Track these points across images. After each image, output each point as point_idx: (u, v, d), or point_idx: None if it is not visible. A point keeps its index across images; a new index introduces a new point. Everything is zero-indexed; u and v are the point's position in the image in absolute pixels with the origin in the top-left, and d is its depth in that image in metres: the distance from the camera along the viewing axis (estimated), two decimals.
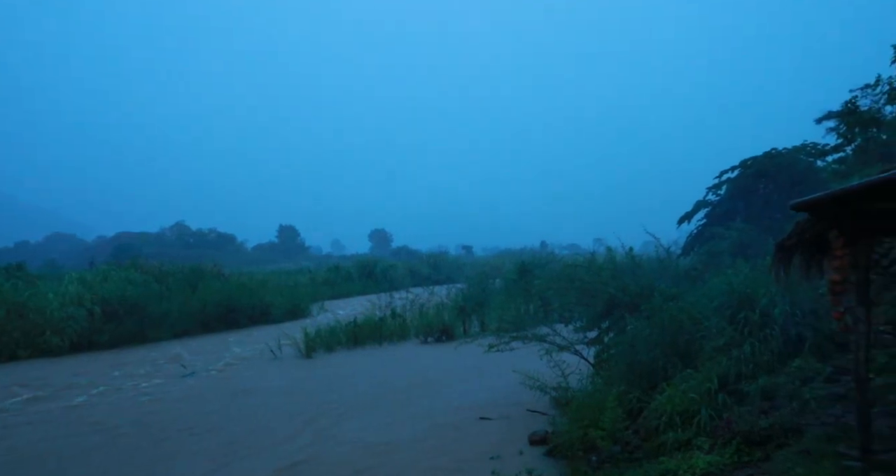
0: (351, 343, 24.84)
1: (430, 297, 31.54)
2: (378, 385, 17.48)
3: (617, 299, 14.69)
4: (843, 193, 5.24)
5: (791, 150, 26.23)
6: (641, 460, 9.08)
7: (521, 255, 44.84)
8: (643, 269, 16.36)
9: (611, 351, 13.61)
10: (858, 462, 5.91)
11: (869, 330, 6.40)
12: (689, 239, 28.64)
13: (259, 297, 34.86)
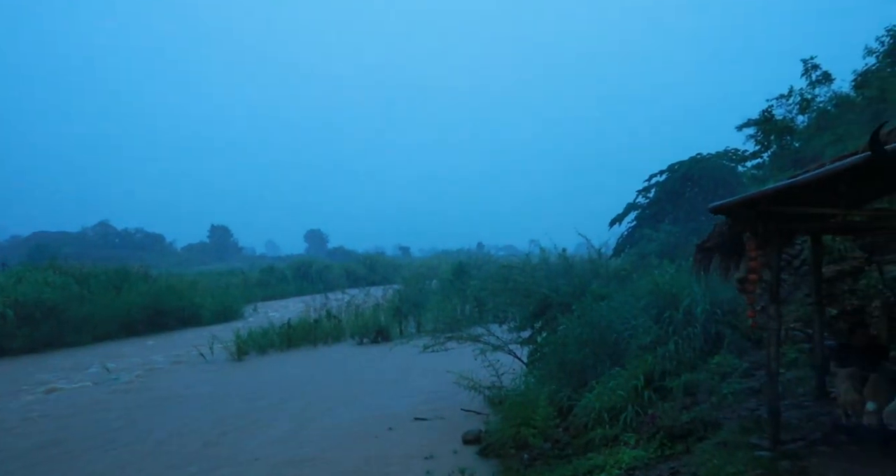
0: (284, 345, 24.44)
1: (367, 298, 31.38)
2: (311, 387, 17.25)
3: (550, 299, 14.99)
4: (754, 197, 5.53)
5: (714, 156, 27.31)
6: (571, 457, 9.31)
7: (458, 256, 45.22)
8: (575, 270, 16.76)
9: (543, 350, 13.88)
10: (768, 452, 6.23)
11: (779, 327, 6.76)
12: (620, 240, 29.39)
13: (188, 298, 33.75)
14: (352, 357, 22.57)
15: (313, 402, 15.47)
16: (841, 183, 6.22)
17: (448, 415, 13.25)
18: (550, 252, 17.40)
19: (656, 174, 29.16)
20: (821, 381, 8.23)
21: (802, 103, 18.79)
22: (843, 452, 6.11)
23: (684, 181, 27.67)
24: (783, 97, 19.27)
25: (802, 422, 7.36)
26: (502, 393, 13.00)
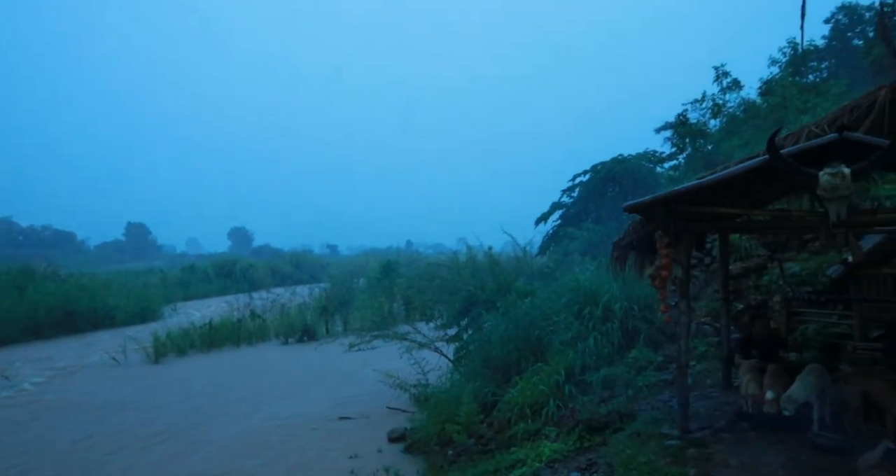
0: (206, 346, 23.66)
1: (292, 296, 30.81)
2: (233, 388, 16.78)
3: (476, 297, 15.16)
4: (665, 197, 5.78)
5: (635, 157, 28.35)
6: (494, 452, 9.45)
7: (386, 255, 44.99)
8: (501, 268, 17.02)
9: (469, 347, 14.00)
10: (677, 440, 6.54)
11: (689, 322, 7.09)
12: (546, 239, 30.08)
13: (101, 299, 31.95)
14: (276, 357, 22.11)
15: (232, 405, 15.04)
16: (744, 184, 6.60)
17: (374, 414, 13.20)
18: (478, 250, 17.57)
19: (580, 174, 30.00)
20: (727, 372, 8.68)
21: (714, 108, 19.82)
22: (744, 439, 6.49)
23: (606, 181, 28.59)
24: (697, 102, 20.26)
25: (709, 411, 7.76)
26: (428, 391, 13.06)
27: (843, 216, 4.98)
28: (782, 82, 18.51)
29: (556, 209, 30.75)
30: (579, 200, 29.81)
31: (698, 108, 20.21)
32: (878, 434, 5.92)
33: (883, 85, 5.78)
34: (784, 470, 5.55)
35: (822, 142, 5.13)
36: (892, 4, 18.78)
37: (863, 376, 6.42)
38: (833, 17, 28.67)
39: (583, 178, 30.07)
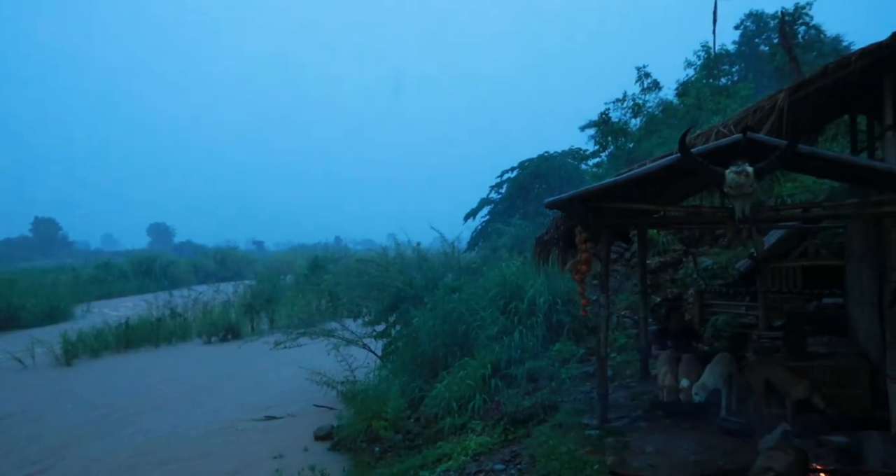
0: (122, 346, 22.60)
1: (216, 294, 29.84)
2: (150, 390, 16.12)
3: (404, 293, 15.14)
4: (583, 194, 5.94)
5: (561, 154, 29.03)
6: (421, 447, 9.49)
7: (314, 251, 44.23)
8: (429, 264, 17.06)
9: (397, 343, 13.98)
10: (597, 430, 6.75)
11: (608, 315, 7.32)
12: (474, 234, 30.39)
13: (5, 298, 30.03)
14: (198, 357, 21.39)
15: (146, 409, 14.41)
16: (659, 181, 6.86)
17: (300, 412, 13.00)
18: (406, 246, 17.54)
19: (508, 170, 30.45)
20: (644, 363, 9.01)
21: (635, 108, 20.52)
22: (660, 426, 6.76)
23: (533, 178, 29.14)
24: (619, 101, 20.92)
25: (628, 401, 8.04)
26: (356, 387, 12.94)
27: (747, 212, 5.25)
28: (697, 84, 19.39)
29: (484, 205, 31.10)
30: (507, 197, 30.26)
31: (620, 107, 20.90)
32: (779, 417, 6.30)
33: (782, 89, 6.14)
34: (694, 455, 5.81)
35: (728, 141, 5.40)
36: (792, 14, 20.00)
37: (764, 363, 6.79)
38: (742, 23, 30.19)
39: (510, 175, 30.53)
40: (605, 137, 20.74)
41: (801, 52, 17.97)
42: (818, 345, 7.75)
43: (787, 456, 4.60)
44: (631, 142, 19.55)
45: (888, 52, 5.69)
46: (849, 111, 8.22)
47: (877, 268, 6.43)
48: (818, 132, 9.43)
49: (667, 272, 12.97)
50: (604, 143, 21.05)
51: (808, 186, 11.68)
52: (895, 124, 6.07)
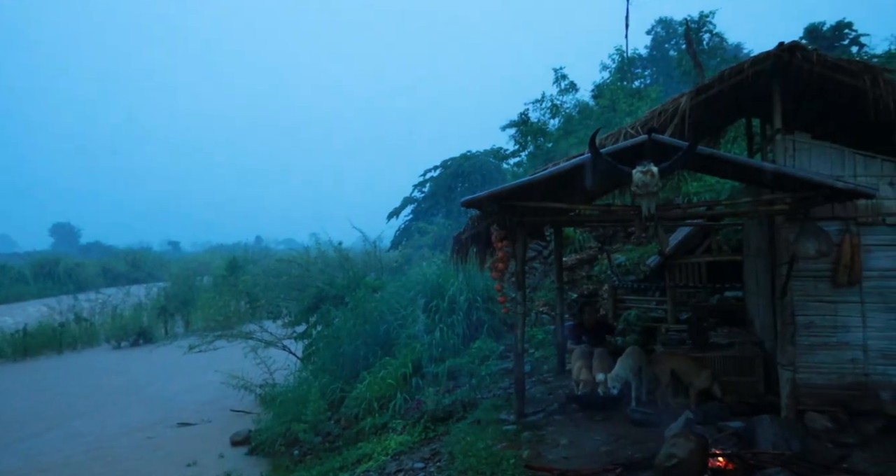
0: (19, 354, 21.20)
1: (126, 297, 28.42)
2: (51, 400, 15.15)
3: (325, 293, 14.94)
4: (498, 193, 6.03)
5: (483, 153, 29.41)
6: (342, 448, 9.38)
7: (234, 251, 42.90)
8: (352, 263, 16.91)
9: (318, 344, 13.78)
10: (514, 425, 6.87)
11: (525, 311, 7.46)
12: (397, 233, 30.38)
13: None
14: (106, 363, 20.31)
15: (49, 418, 13.57)
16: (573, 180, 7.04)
17: (216, 417, 12.58)
18: (328, 245, 17.33)
19: (430, 169, 30.59)
20: (561, 358, 9.24)
21: (553, 108, 21.04)
22: (574, 419, 6.95)
23: (456, 177, 29.39)
24: (538, 102, 21.40)
25: (545, 395, 8.23)
26: (275, 390, 12.66)
27: (653, 210, 5.46)
28: (611, 87, 20.10)
29: (407, 204, 31.11)
30: (430, 195, 30.39)
31: (539, 107, 21.39)
32: (684, 406, 6.61)
33: (684, 92, 6.44)
34: (606, 445, 6.01)
35: (635, 142, 5.61)
36: (697, 22, 21.05)
37: (670, 356, 7.12)
38: (653, 29, 31.58)
39: (433, 174, 30.69)
40: (524, 137, 21.16)
41: (706, 57, 18.93)
42: (720, 336, 8.16)
43: (688, 442, 4.82)
44: (549, 142, 20.02)
45: (776, 61, 6.06)
46: (745, 115, 8.72)
47: (770, 262, 6.85)
48: (720, 134, 9.95)
49: (583, 269, 13.36)
50: (523, 143, 21.47)
51: (712, 186, 12.31)
52: (784, 127, 6.48)
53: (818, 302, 6.41)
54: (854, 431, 5.88)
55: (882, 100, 5.84)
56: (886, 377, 6.21)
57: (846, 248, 6.10)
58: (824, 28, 18.20)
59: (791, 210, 5.92)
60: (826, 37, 18.02)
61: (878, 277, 6.22)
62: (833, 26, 18.19)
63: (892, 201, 6.19)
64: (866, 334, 6.27)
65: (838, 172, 6.23)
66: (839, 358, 6.35)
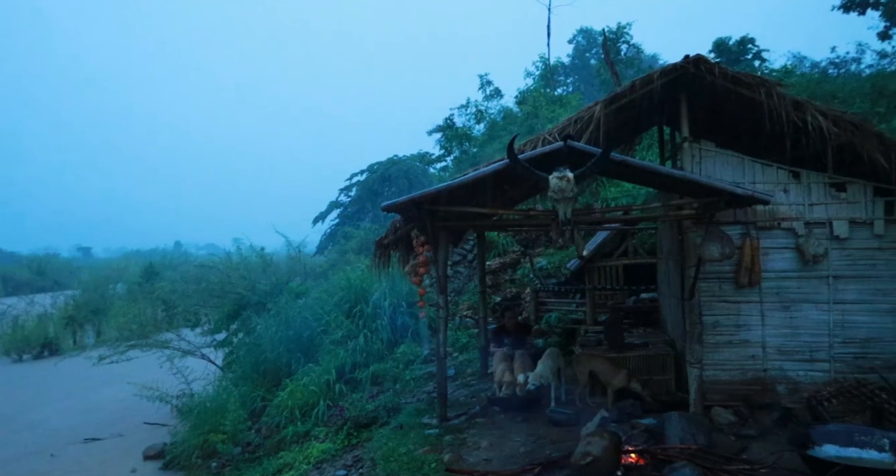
0: None
1: (30, 306, 26.69)
2: None
3: (247, 299, 14.59)
4: (419, 197, 6.05)
5: (409, 158, 29.47)
6: (262, 458, 9.14)
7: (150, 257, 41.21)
8: (275, 268, 16.58)
9: (239, 352, 13.42)
10: (436, 429, 6.89)
11: (447, 315, 7.49)
12: (323, 238, 30.02)
13: None
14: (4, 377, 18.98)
15: None
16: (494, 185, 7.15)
17: (129, 431, 12.00)
18: (251, 251, 16.92)
19: (357, 173, 30.40)
20: (484, 361, 9.34)
21: (477, 114, 21.34)
22: (495, 421, 7.04)
23: (383, 181, 29.33)
24: (463, 107, 21.65)
25: (468, 398, 8.30)
26: (192, 401, 12.18)
27: (569, 215, 5.62)
28: (534, 93, 20.56)
29: (333, 208, 30.80)
30: (357, 199, 30.20)
31: (464, 112, 21.63)
32: (601, 405, 6.81)
33: (599, 100, 6.67)
34: (525, 446, 6.11)
35: (552, 149, 5.74)
36: (615, 32, 21.85)
37: (588, 356, 7.32)
38: (574, 38, 32.54)
39: (360, 178, 30.51)
40: (449, 142, 21.36)
41: (623, 67, 19.67)
42: (635, 336, 8.46)
43: (603, 440, 4.97)
44: (475, 147, 20.28)
45: (682, 72, 6.38)
46: (657, 123, 9.11)
47: (679, 264, 7.17)
48: (634, 141, 10.34)
49: (506, 272, 13.57)
50: (449, 148, 21.68)
51: (629, 191, 12.78)
52: (691, 136, 6.81)
53: (723, 302, 6.77)
54: (754, 423, 6.26)
55: (776, 111, 6.23)
56: (782, 372, 6.64)
57: (747, 250, 6.46)
58: (730, 42, 19.30)
59: (697, 215, 6.22)
60: (732, 51, 19.11)
61: (775, 278, 6.63)
62: (738, 41, 19.29)
63: (787, 207, 6.62)
64: (765, 332, 6.68)
65: (739, 179, 6.60)
66: (741, 355, 6.73)
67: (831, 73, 20.01)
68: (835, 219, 6.55)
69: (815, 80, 16.41)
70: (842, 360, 6.55)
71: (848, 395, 6.21)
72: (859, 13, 15.57)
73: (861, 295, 6.52)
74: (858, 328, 6.53)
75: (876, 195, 6.51)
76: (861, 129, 6.26)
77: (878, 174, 6.36)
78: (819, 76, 17.99)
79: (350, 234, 25.01)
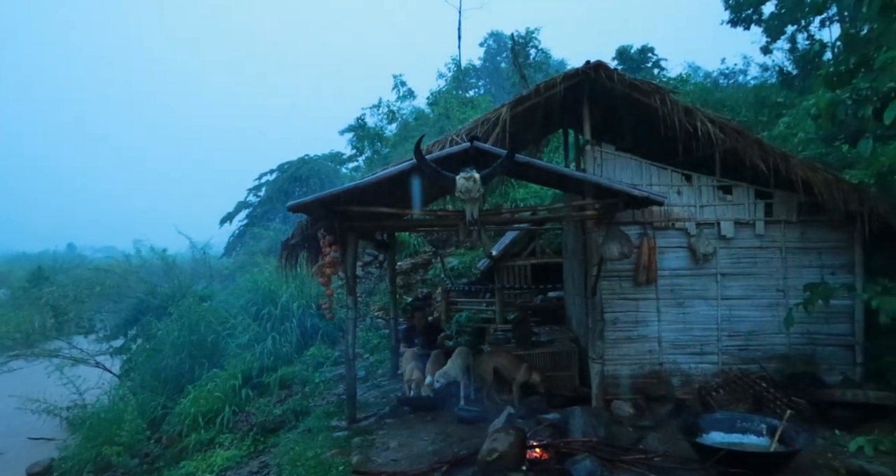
0: None
1: None
2: None
3: (147, 304, 13.94)
4: (326, 197, 5.94)
5: (321, 158, 28.95)
6: (162, 469, 8.73)
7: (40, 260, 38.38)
8: (178, 271, 15.90)
9: (138, 359, 12.77)
10: (345, 431, 6.80)
11: (356, 316, 7.42)
12: (231, 239, 29.00)
13: None
14: None
15: None
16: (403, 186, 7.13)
17: (10, 448, 11.14)
18: (152, 253, 16.14)
19: (266, 173, 29.54)
20: (395, 361, 9.31)
21: (390, 114, 21.29)
22: (405, 421, 7.03)
23: (293, 181, 28.62)
24: (375, 107, 21.54)
25: (378, 399, 8.24)
26: (85, 412, 11.45)
27: (476, 215, 5.69)
28: (446, 95, 20.73)
29: (242, 208, 29.83)
30: (266, 200, 29.34)
31: (377, 113, 21.52)
32: (509, 402, 6.94)
33: (505, 103, 6.81)
34: (433, 445, 6.14)
35: (458, 149, 5.81)
36: (524, 37, 22.39)
37: (493, 354, 7.46)
38: (485, 41, 33.06)
39: (269, 178, 29.69)
40: (361, 142, 21.20)
41: (532, 71, 20.18)
42: (542, 334, 8.68)
43: (508, 436, 5.07)
44: (387, 147, 20.22)
45: (584, 77, 6.62)
46: (563, 126, 9.40)
47: (583, 263, 7.43)
48: (542, 143, 10.63)
49: (418, 273, 13.61)
50: (360, 148, 21.51)
51: (537, 192, 13.10)
52: (593, 139, 7.08)
53: (622, 299, 7.07)
54: (651, 415, 6.58)
55: (669, 117, 6.58)
56: (676, 365, 7.02)
57: (644, 249, 6.78)
58: (632, 51, 20.21)
59: (599, 215, 6.46)
60: (633, 59, 20.02)
61: (670, 276, 7.00)
62: (639, 50, 20.24)
63: (680, 208, 7.01)
64: (661, 327, 7.04)
65: (637, 181, 6.92)
66: (639, 350, 7.07)
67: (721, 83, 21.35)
68: (722, 220, 6.99)
69: (707, 89, 17.46)
70: (728, 353, 7.00)
71: (733, 385, 6.64)
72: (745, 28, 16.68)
73: (745, 291, 7.00)
74: (742, 322, 7.00)
75: (757, 198, 7.01)
76: (744, 136, 6.72)
77: (759, 178, 6.84)
78: (711, 86, 19.14)
79: (259, 235, 24.31)
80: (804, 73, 14.91)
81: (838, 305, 6.65)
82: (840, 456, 5.35)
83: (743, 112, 14.23)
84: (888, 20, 4.34)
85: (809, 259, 6.98)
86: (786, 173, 6.62)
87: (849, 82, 5.29)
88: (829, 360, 6.93)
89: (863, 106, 5.07)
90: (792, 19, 15.41)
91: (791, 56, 16.36)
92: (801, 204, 6.91)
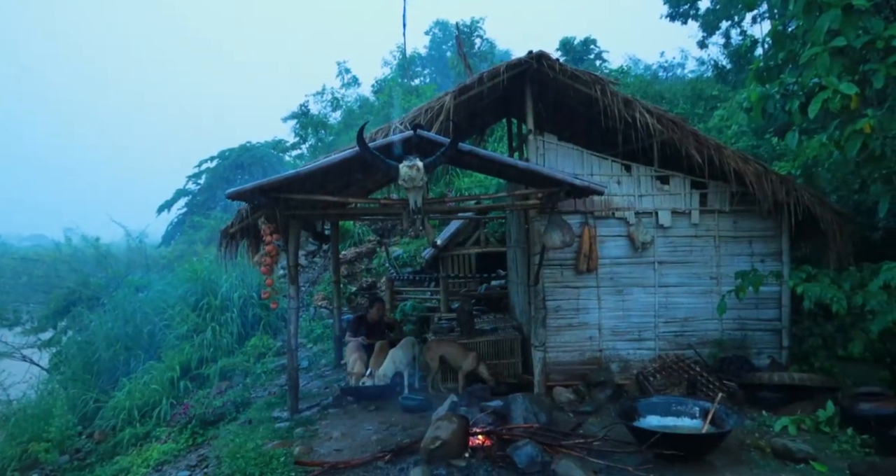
0: None
1: None
2: None
3: (78, 294, 13.41)
4: (266, 185, 5.81)
5: (264, 145, 28.33)
6: (94, 465, 8.45)
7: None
8: (112, 260, 15.34)
9: (68, 351, 12.27)
10: (287, 422, 6.71)
11: (298, 306, 7.30)
12: (170, 228, 28.18)
13: None
14: None
15: None
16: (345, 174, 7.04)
17: None
18: (86, 241, 15.52)
19: (206, 160, 28.73)
20: (339, 351, 9.23)
21: (334, 102, 20.98)
22: (348, 411, 6.98)
23: (235, 168, 27.95)
24: (319, 94, 21.18)
25: (321, 389, 8.16)
26: (10, 408, 10.96)
27: (419, 204, 5.65)
28: (391, 83, 20.57)
29: (181, 196, 28.96)
30: (207, 187, 28.58)
31: (320, 100, 21.18)
32: (453, 391, 6.98)
33: (448, 91, 6.78)
34: (377, 434, 6.12)
35: (402, 137, 5.75)
36: (469, 26, 22.40)
37: (439, 343, 7.48)
38: (431, 29, 32.89)
39: (210, 165, 28.89)
40: (305, 129, 20.85)
41: (477, 61, 20.23)
42: (486, 322, 8.76)
43: (451, 424, 5.10)
44: (331, 135, 19.94)
45: (527, 67, 6.66)
46: (506, 115, 9.45)
47: (526, 252, 7.52)
48: (486, 132, 10.66)
49: (362, 262, 13.49)
50: (304, 136, 21.15)
51: (482, 181, 13.18)
52: (536, 129, 7.14)
53: (564, 287, 7.19)
54: (591, 400, 6.73)
55: (609, 108, 6.70)
56: (615, 351, 7.21)
57: (585, 238, 6.91)
58: (575, 42, 20.49)
59: (541, 204, 6.53)
60: (577, 50, 20.31)
61: (610, 264, 7.16)
62: (582, 41, 20.54)
63: (620, 198, 7.16)
64: (601, 314, 7.21)
65: (579, 171, 7.02)
66: (580, 337, 7.21)
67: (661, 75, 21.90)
68: (660, 209, 7.18)
69: (647, 81, 17.89)
70: (664, 339, 7.23)
71: (669, 370, 6.87)
72: (682, 23, 17.15)
73: (680, 278, 7.23)
74: (678, 309, 7.24)
75: (693, 188, 7.23)
76: (680, 128, 6.90)
77: (695, 169, 7.05)
78: (650, 78, 19.63)
79: (199, 224, 23.66)
80: (737, 67, 15.45)
81: (767, 292, 6.93)
82: (766, 435, 5.62)
83: (680, 104, 14.64)
84: (812, 18, 4.50)
85: (741, 247, 7.25)
86: (719, 164, 6.85)
87: (777, 77, 5.48)
88: (759, 345, 7.25)
89: (790, 100, 5.26)
90: (726, 15, 15.93)
91: (725, 51, 16.92)
92: (734, 194, 7.16)
